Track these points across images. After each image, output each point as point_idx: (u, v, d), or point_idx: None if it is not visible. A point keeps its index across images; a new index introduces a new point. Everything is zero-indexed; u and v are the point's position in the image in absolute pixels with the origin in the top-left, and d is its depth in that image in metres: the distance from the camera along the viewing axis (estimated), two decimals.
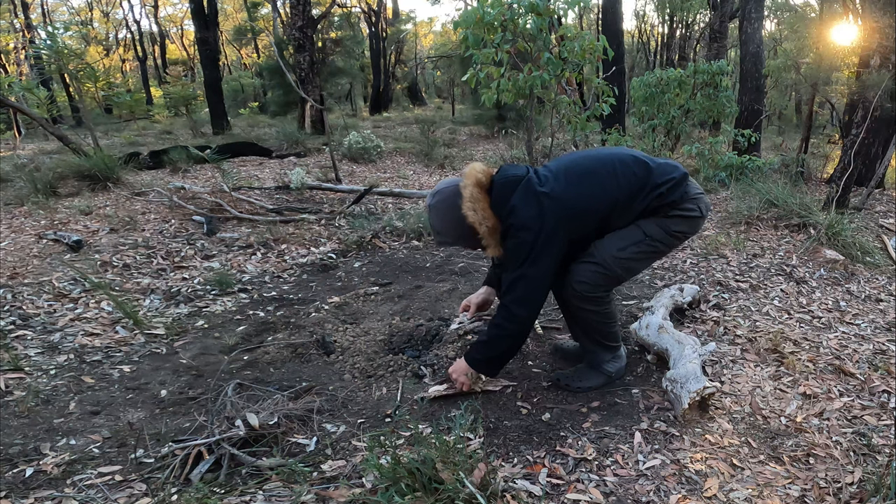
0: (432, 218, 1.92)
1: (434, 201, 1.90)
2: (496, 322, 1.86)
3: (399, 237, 4.36)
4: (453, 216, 1.85)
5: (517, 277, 1.80)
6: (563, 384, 2.11)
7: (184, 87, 13.39)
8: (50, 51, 7.52)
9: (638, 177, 1.85)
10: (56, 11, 26.64)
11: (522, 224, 1.77)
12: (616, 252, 1.88)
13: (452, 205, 1.85)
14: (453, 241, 1.96)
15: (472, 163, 1.97)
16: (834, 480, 1.61)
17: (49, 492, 1.59)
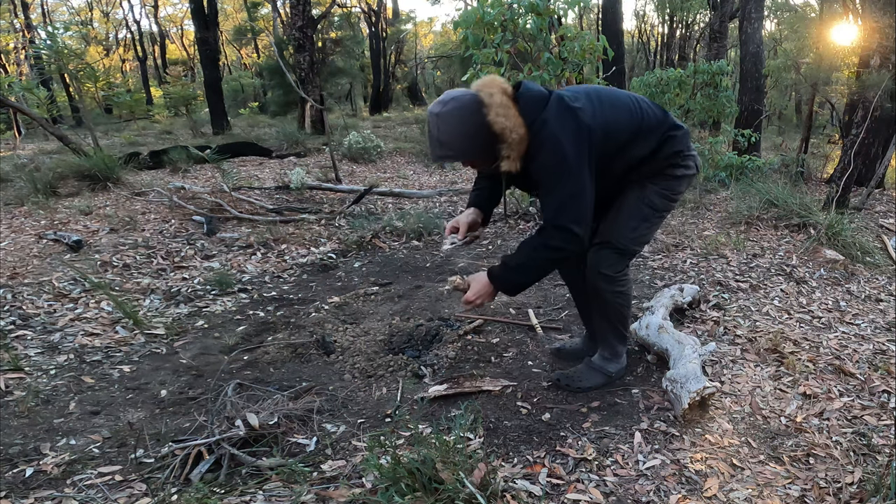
0: (441, 126, 1.68)
1: (446, 108, 1.67)
2: (551, 245, 1.72)
3: (399, 237, 4.36)
4: (473, 123, 1.66)
5: (567, 196, 1.69)
6: (564, 384, 2.11)
7: (184, 87, 13.39)
8: (50, 51, 7.53)
9: (657, 116, 1.87)
10: (56, 11, 26.64)
11: (559, 139, 1.66)
12: (630, 234, 1.93)
13: (473, 111, 1.66)
14: (460, 155, 1.73)
15: (488, 75, 1.82)
16: (834, 480, 1.61)
17: (49, 492, 1.59)
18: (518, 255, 1.78)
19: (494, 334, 2.60)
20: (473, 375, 2.21)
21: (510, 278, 1.79)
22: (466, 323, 2.71)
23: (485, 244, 4.19)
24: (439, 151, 1.72)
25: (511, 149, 1.69)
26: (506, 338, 2.56)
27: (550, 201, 1.73)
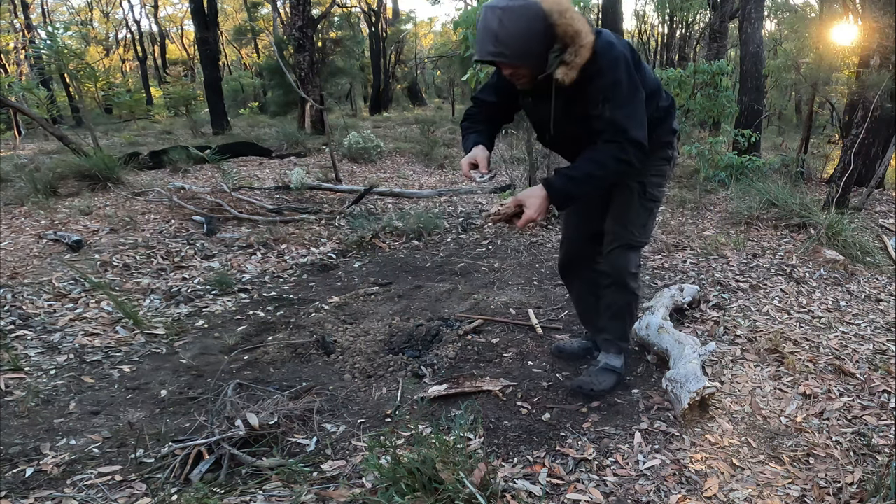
0: (504, 21, 1.56)
1: (510, 4, 1.57)
2: (622, 158, 1.68)
3: (399, 237, 4.36)
4: (539, 24, 1.58)
5: (639, 111, 1.70)
6: (587, 391, 2.04)
7: (184, 87, 13.39)
8: (50, 51, 7.53)
9: (659, 83, 1.92)
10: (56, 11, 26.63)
11: (615, 61, 1.66)
12: (642, 230, 2.01)
13: (540, 14, 1.58)
14: (514, 56, 1.62)
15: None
16: (834, 480, 1.61)
17: (49, 492, 1.59)
18: (584, 166, 1.71)
19: (494, 334, 2.60)
20: (473, 375, 2.21)
21: (571, 190, 1.71)
22: (466, 323, 2.71)
23: (485, 244, 4.19)
24: (492, 48, 1.60)
25: (575, 55, 1.61)
26: (506, 338, 2.56)
27: (620, 115, 1.67)
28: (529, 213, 1.68)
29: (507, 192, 5.11)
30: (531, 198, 1.69)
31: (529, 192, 1.70)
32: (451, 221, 4.77)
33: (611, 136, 1.68)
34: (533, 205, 1.68)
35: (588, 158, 1.71)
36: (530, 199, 1.69)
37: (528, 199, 1.69)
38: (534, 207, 1.68)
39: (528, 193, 1.70)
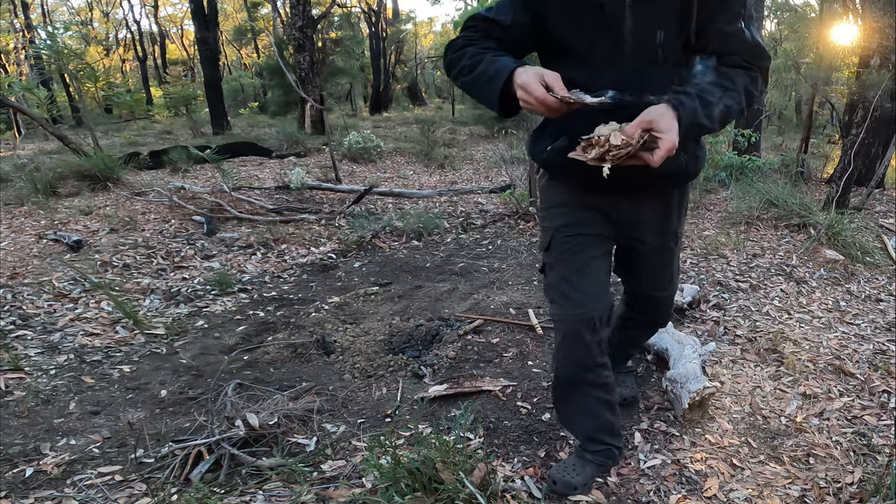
0: None
1: None
2: (752, 90, 1.28)
3: (399, 237, 4.36)
4: None
5: (751, 27, 1.27)
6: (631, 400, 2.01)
7: (184, 87, 13.39)
8: (50, 51, 7.53)
9: None
10: (56, 11, 26.63)
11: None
12: (676, 276, 1.70)
13: None
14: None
15: None
16: (834, 480, 1.61)
17: (49, 492, 1.59)
18: (716, 90, 1.23)
19: (494, 334, 2.60)
20: (473, 375, 2.21)
21: (702, 120, 1.20)
22: (466, 323, 2.71)
23: (484, 244, 4.19)
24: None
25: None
26: (506, 338, 2.56)
27: (759, 37, 1.28)
28: (671, 139, 1.13)
29: (507, 192, 5.10)
30: (663, 117, 1.13)
31: (654, 111, 1.15)
32: (451, 221, 4.77)
33: (748, 60, 1.26)
34: (669, 126, 1.13)
35: (718, 84, 1.23)
36: (662, 118, 1.13)
37: (660, 118, 1.13)
38: (673, 130, 1.13)
39: (655, 112, 1.14)
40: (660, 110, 1.14)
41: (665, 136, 1.11)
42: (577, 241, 1.48)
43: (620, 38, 1.25)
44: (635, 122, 1.12)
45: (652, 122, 1.12)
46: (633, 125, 1.12)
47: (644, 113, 1.13)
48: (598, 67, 1.27)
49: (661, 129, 1.11)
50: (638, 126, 1.12)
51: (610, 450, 1.60)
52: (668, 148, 1.10)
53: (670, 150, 1.11)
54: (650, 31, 1.24)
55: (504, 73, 1.19)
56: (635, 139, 1.10)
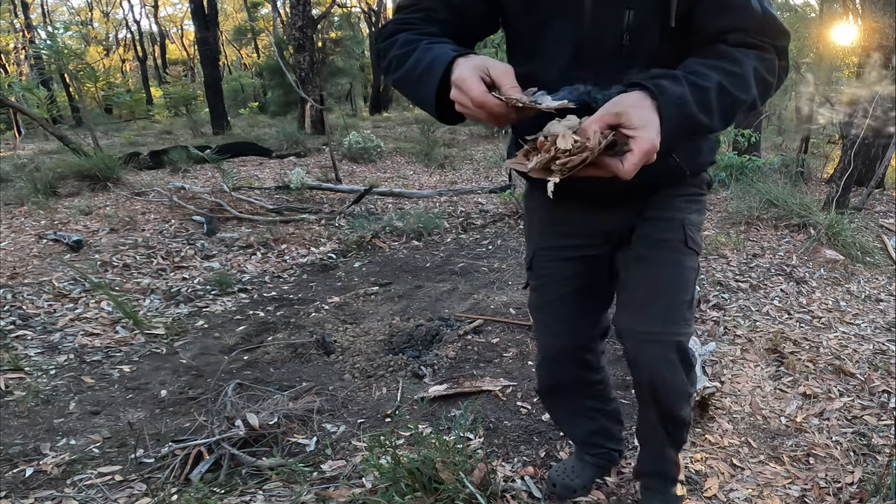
0: None
1: None
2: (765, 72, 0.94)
3: (399, 237, 4.36)
4: None
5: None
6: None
7: (184, 87, 13.38)
8: (50, 51, 7.53)
9: None
10: (56, 11, 26.63)
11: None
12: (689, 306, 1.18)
13: None
14: None
15: None
16: (834, 480, 1.61)
17: (49, 492, 1.59)
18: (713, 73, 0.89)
19: (494, 334, 2.60)
20: (473, 375, 2.21)
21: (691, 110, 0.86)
22: (466, 323, 2.71)
23: (484, 244, 4.19)
24: None
25: None
26: (506, 338, 2.56)
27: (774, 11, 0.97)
28: (647, 138, 0.79)
29: (507, 192, 5.10)
30: (636, 108, 0.81)
31: (623, 100, 0.83)
32: (451, 221, 4.77)
33: (759, 37, 0.94)
34: (645, 121, 0.80)
35: (716, 65, 0.90)
36: (635, 110, 0.81)
37: (631, 110, 0.81)
38: (650, 125, 0.80)
39: (625, 102, 0.82)
40: (631, 99, 0.81)
41: (638, 135, 0.78)
42: (557, 266, 1.26)
43: (579, 20, 0.97)
44: (595, 117, 0.79)
45: (620, 115, 0.79)
46: (591, 120, 0.79)
47: (609, 103, 0.81)
48: (557, 61, 1.01)
49: (632, 125, 0.78)
50: (599, 122, 0.79)
51: (609, 453, 1.58)
52: (645, 150, 0.77)
53: (647, 153, 0.77)
54: (615, 9, 0.95)
55: (440, 64, 0.87)
56: (593, 141, 0.76)
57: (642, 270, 1.17)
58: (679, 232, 1.16)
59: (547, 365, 1.41)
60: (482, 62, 0.84)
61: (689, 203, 1.19)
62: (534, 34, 1.03)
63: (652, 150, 0.78)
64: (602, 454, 1.57)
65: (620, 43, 0.98)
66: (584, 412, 1.51)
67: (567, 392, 1.47)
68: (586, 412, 1.51)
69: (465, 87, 0.81)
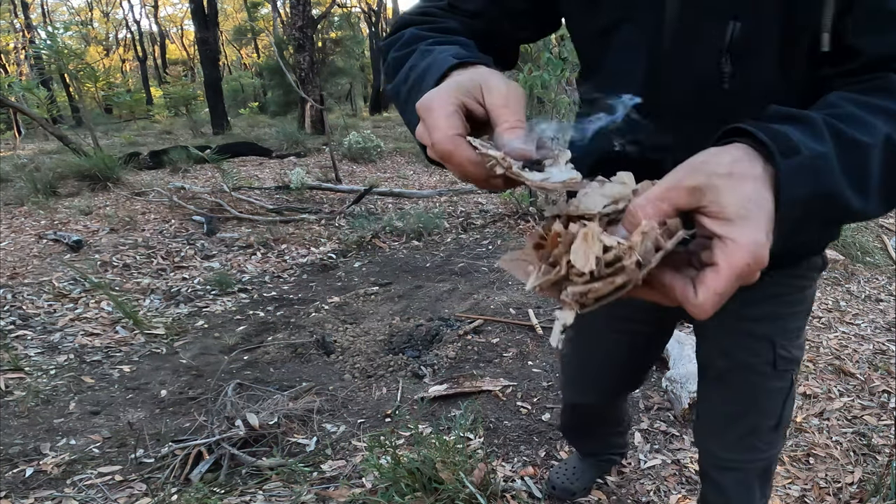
0: None
1: None
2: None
3: (399, 237, 4.36)
4: None
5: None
6: None
7: (184, 87, 13.39)
8: (50, 51, 7.53)
9: None
10: (56, 11, 26.66)
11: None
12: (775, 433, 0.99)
13: None
14: None
15: None
16: (834, 480, 1.61)
17: (49, 492, 1.59)
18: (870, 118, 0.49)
19: (494, 334, 2.60)
20: (473, 375, 2.21)
21: (841, 191, 0.46)
22: (466, 323, 2.71)
23: (485, 244, 4.19)
24: None
25: None
26: (506, 338, 2.56)
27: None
28: (746, 244, 0.39)
29: (507, 192, 5.09)
30: (730, 182, 0.40)
31: (707, 162, 0.42)
32: (451, 221, 4.77)
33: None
34: (747, 207, 0.40)
35: (884, 107, 0.51)
36: (728, 186, 0.40)
37: (721, 185, 0.40)
38: (755, 218, 0.40)
39: (709, 167, 0.41)
40: (726, 160, 0.43)
41: (732, 234, 0.40)
42: (598, 334, 1.08)
43: (655, 29, 0.67)
44: (654, 193, 0.42)
45: (701, 191, 0.41)
46: (647, 198, 0.42)
47: (683, 167, 0.43)
48: (627, 83, 0.67)
49: (721, 213, 0.40)
50: (658, 204, 0.41)
51: (612, 458, 1.59)
52: (740, 267, 0.39)
53: (745, 272, 0.40)
54: (713, 18, 0.63)
55: (431, 76, 0.56)
56: (640, 248, 0.39)
57: (720, 391, 0.97)
58: (767, 353, 0.89)
59: (569, 412, 1.41)
60: (477, 79, 0.51)
61: (787, 303, 0.88)
62: (595, 43, 0.74)
63: (755, 265, 0.39)
64: (605, 459, 1.59)
65: (717, 69, 0.66)
66: (598, 438, 1.54)
67: (587, 434, 1.51)
68: (600, 437, 1.53)
69: (429, 122, 0.48)
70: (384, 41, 0.74)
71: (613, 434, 1.52)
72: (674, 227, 0.41)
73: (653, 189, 0.42)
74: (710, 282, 0.40)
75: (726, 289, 0.39)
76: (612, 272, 0.39)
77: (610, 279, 0.39)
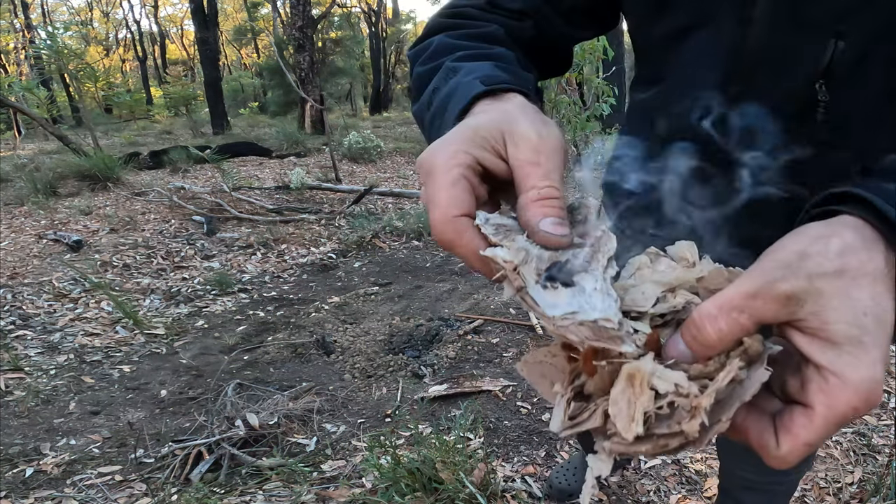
0: None
1: None
2: None
3: (399, 237, 4.36)
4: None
5: None
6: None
7: (184, 87, 13.39)
8: (50, 51, 7.53)
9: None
10: (56, 11, 26.66)
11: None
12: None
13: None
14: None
15: None
16: (834, 480, 1.61)
17: (49, 492, 1.59)
18: None
19: (494, 334, 2.60)
20: (473, 375, 2.21)
21: None
22: (466, 323, 2.71)
23: None
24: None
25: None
26: (506, 338, 2.56)
27: None
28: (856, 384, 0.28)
29: None
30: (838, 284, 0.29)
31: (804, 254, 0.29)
32: None
33: None
34: (860, 324, 0.28)
35: None
36: (835, 290, 0.28)
37: (827, 289, 0.28)
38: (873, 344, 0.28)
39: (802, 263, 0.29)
40: (829, 250, 0.29)
41: (838, 371, 0.28)
42: None
43: (735, 39, 0.55)
44: (731, 299, 0.29)
45: (798, 299, 0.29)
46: (718, 308, 0.30)
47: (772, 260, 0.30)
48: (688, 102, 0.58)
49: (824, 333, 0.28)
50: (733, 321, 0.29)
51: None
52: (840, 416, 0.29)
53: (847, 419, 0.29)
54: (811, 33, 0.51)
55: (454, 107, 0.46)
56: (706, 403, 0.28)
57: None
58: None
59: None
60: (500, 123, 0.38)
61: None
62: (659, 48, 0.63)
63: (863, 409, 0.29)
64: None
65: (812, 95, 0.53)
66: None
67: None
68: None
69: (429, 192, 0.36)
70: (411, 49, 0.63)
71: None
72: (754, 351, 0.30)
73: (728, 293, 0.29)
74: (799, 431, 0.29)
75: (820, 439, 0.29)
76: (667, 435, 0.29)
77: (662, 442, 0.29)
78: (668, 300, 0.33)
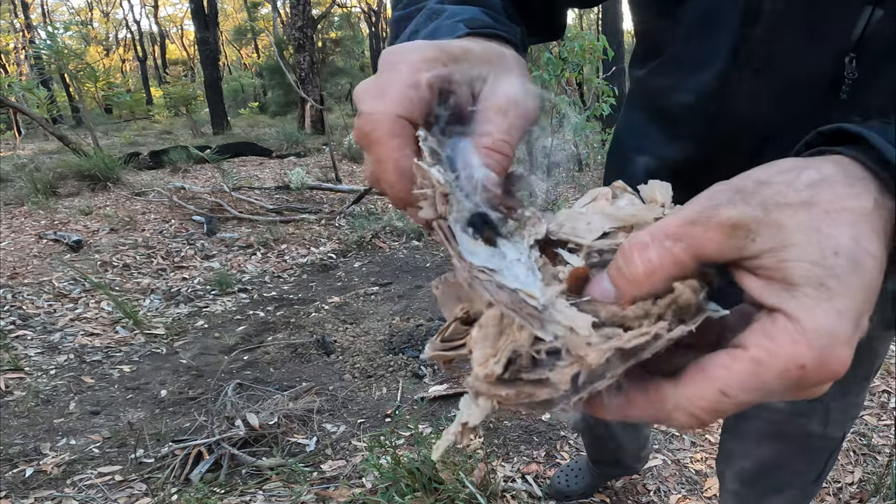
0: None
1: None
2: None
3: (399, 237, 4.36)
4: None
5: None
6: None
7: (184, 87, 13.39)
8: (50, 51, 7.53)
9: None
10: (56, 11, 26.67)
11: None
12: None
13: None
14: None
15: None
16: (834, 480, 1.61)
17: (49, 492, 1.59)
18: None
19: None
20: None
21: None
22: None
23: None
24: None
25: None
26: None
27: None
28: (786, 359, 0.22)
29: None
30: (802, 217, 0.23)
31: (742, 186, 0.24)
32: None
33: None
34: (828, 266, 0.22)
35: None
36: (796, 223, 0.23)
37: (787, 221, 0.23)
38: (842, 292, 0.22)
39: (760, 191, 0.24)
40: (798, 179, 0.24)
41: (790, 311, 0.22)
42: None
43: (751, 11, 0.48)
44: (667, 227, 0.24)
45: (746, 229, 0.23)
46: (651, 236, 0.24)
47: (724, 186, 0.25)
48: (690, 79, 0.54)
49: (781, 271, 0.23)
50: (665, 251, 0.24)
51: (622, 473, 1.57)
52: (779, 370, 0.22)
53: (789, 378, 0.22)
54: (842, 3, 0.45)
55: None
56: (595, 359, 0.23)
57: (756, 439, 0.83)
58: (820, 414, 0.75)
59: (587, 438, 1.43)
60: (485, 61, 0.35)
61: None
62: (658, 19, 0.57)
63: (816, 371, 0.22)
64: (609, 472, 1.55)
65: (838, 71, 0.47)
66: (607, 448, 1.41)
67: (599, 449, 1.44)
68: (609, 451, 1.41)
69: (380, 80, 0.32)
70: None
71: (627, 458, 1.41)
72: (685, 301, 0.24)
73: (666, 220, 0.25)
74: (716, 370, 0.23)
75: (740, 391, 0.22)
76: (533, 382, 0.25)
77: (527, 389, 0.25)
78: (616, 237, 0.28)
